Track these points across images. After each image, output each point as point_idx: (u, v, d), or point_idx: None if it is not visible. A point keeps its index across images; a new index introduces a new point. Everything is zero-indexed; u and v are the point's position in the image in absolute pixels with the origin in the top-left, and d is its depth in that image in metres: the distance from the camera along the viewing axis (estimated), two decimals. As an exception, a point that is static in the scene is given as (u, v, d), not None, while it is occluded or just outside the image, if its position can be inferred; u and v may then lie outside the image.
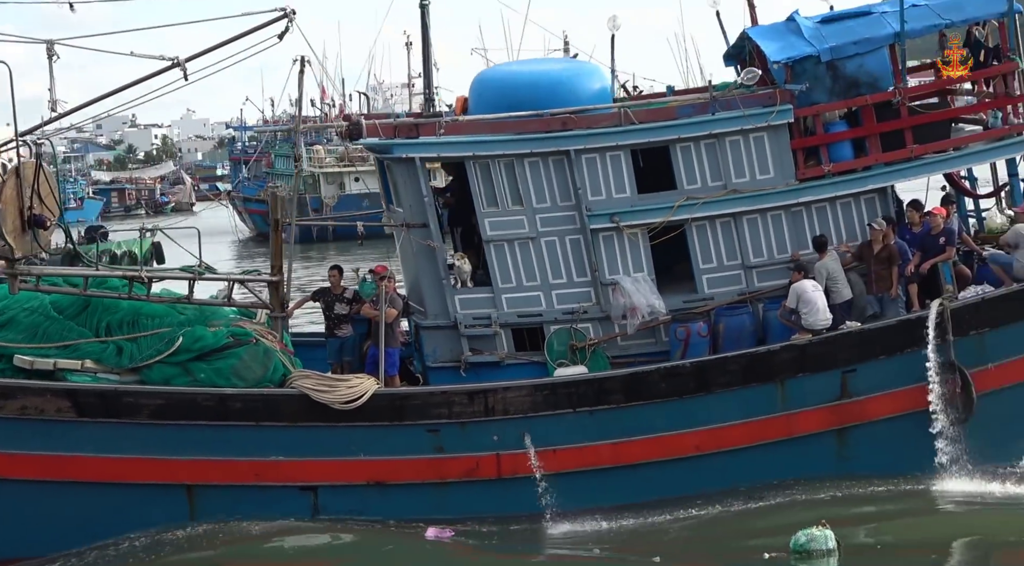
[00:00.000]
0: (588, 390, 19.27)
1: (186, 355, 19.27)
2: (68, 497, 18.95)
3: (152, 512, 19.03)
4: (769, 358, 19.35)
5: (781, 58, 20.39)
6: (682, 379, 19.28)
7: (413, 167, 20.39)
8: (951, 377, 19.20)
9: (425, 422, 19.16)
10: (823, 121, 20.60)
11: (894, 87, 20.31)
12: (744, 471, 19.40)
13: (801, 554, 17.26)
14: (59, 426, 18.74)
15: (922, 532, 17.95)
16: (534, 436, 19.08)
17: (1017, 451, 20.09)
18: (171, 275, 20.72)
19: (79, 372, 19.21)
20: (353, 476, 19.26)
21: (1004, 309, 19.57)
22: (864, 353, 19.37)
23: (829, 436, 19.53)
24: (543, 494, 19.08)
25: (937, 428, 19.12)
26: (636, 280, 20.33)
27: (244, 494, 19.17)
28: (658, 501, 19.19)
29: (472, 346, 20.66)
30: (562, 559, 18.66)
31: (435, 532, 18.90)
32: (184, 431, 18.92)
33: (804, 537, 17.29)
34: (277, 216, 20.29)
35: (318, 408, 18.94)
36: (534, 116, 20.38)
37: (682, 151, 20.36)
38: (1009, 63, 20.51)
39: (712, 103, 20.35)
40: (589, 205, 20.31)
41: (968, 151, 20.78)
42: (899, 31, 20.14)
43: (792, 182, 20.40)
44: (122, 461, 18.92)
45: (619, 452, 19.29)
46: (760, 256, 20.53)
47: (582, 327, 20.52)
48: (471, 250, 21.59)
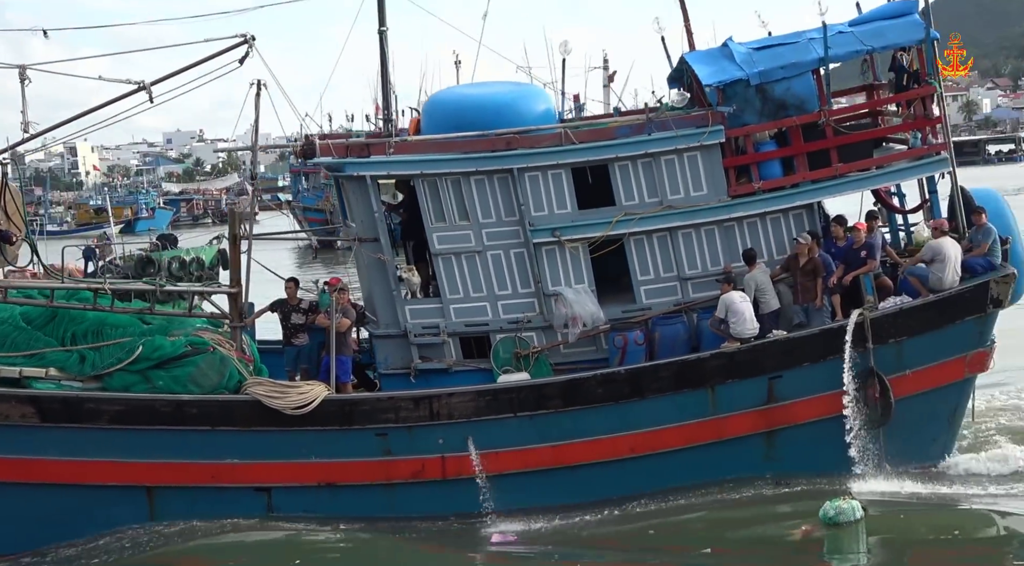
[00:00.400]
0: (528, 396, 20.26)
1: (146, 363, 20.21)
2: (34, 498, 19.88)
3: (114, 512, 19.98)
4: (700, 365, 20.37)
5: (713, 82, 21.44)
6: (617, 385, 20.28)
7: (364, 185, 21.38)
8: (871, 383, 20.24)
9: (373, 426, 20.13)
10: (754, 141, 21.65)
11: (820, 109, 21.36)
12: (677, 472, 20.38)
13: (830, 525, 18.27)
14: (24, 431, 19.67)
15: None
16: (478, 439, 20.07)
17: (935, 452, 21.17)
18: (133, 287, 21.67)
19: (44, 380, 20.17)
20: (305, 478, 20.21)
21: (920, 319, 20.61)
22: (789, 360, 20.39)
23: (758, 438, 20.53)
24: (486, 494, 20.08)
25: (851, 432, 20.15)
26: (577, 291, 21.33)
27: (202, 495, 20.11)
28: (597, 500, 20.23)
29: (422, 354, 21.64)
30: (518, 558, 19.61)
31: (500, 538, 19.61)
32: (143, 435, 19.86)
33: (832, 509, 18.27)
34: (235, 231, 21.31)
35: (271, 413, 19.90)
36: (479, 136, 21.40)
37: (620, 169, 21.38)
38: (927, 87, 21.59)
39: (648, 124, 21.39)
40: (532, 220, 21.31)
41: (889, 169, 21.82)
42: (823, 56, 21.21)
43: (724, 199, 21.42)
44: (84, 464, 19.86)
45: (558, 454, 20.27)
46: (695, 268, 21.56)
47: (526, 336, 21.51)
48: (423, 263, 22.56)
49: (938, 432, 21.18)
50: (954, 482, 20.62)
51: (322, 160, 21.66)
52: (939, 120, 21.59)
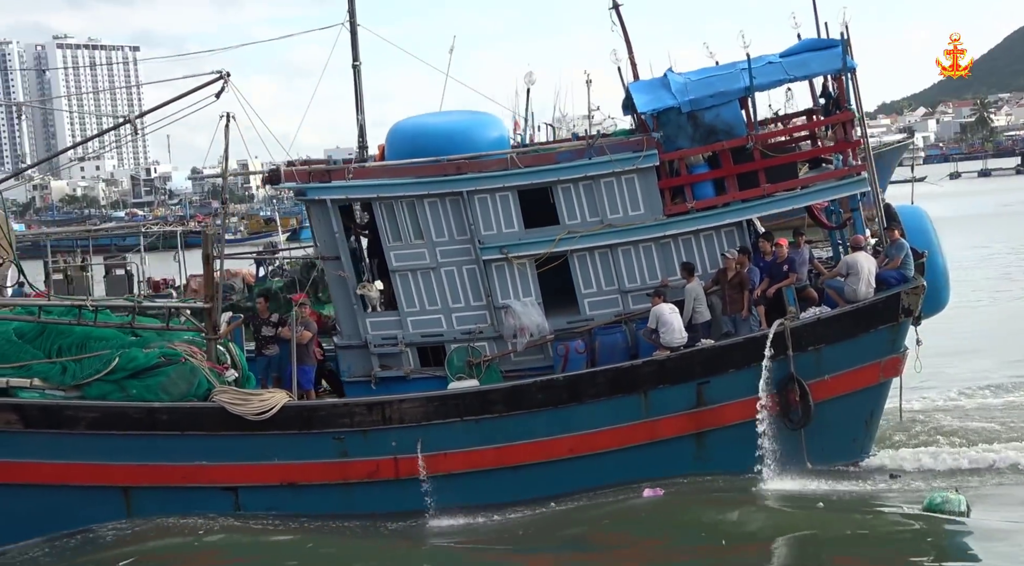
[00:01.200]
0: (474, 401, 21.83)
1: (121, 373, 21.87)
2: (19, 498, 21.53)
3: (93, 511, 21.62)
4: (633, 372, 21.89)
5: (647, 109, 23.02)
6: (556, 391, 21.81)
7: (325, 207, 23.07)
8: (791, 387, 21.72)
9: (331, 430, 21.74)
10: (688, 164, 23.18)
11: (748, 134, 22.89)
12: (613, 471, 21.87)
13: (932, 510, 19.62)
14: (8, 436, 21.38)
15: (752, 527, 20.34)
16: (428, 442, 21.64)
17: (854, 451, 22.59)
18: (113, 303, 23.39)
19: (28, 389, 21.91)
20: (269, 478, 21.80)
21: (837, 327, 22.07)
22: (716, 367, 21.87)
23: (688, 439, 22.00)
24: (437, 493, 21.65)
25: (763, 435, 21.65)
26: (525, 304, 22.95)
27: (174, 494, 21.74)
28: (537, 498, 21.77)
29: (382, 363, 23.29)
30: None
31: (650, 492, 21.31)
32: (119, 440, 21.52)
33: (939, 498, 19.66)
34: (208, 251, 23.00)
35: (236, 418, 21.52)
36: (432, 162, 23.05)
37: (563, 191, 22.97)
38: (847, 113, 23.10)
39: (588, 149, 22.99)
40: (482, 239, 22.92)
41: (813, 189, 23.33)
42: (749, 86, 22.75)
43: (660, 217, 22.97)
44: (65, 466, 21.52)
45: (502, 455, 21.81)
46: (634, 282, 23.11)
47: (479, 345, 23.12)
48: (386, 278, 24.17)
49: (857, 432, 22.59)
50: (867, 480, 22.01)
51: (287, 184, 23.36)
52: (858, 143, 23.07)
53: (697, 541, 19.98)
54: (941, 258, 23.50)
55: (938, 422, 25.56)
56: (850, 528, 20.06)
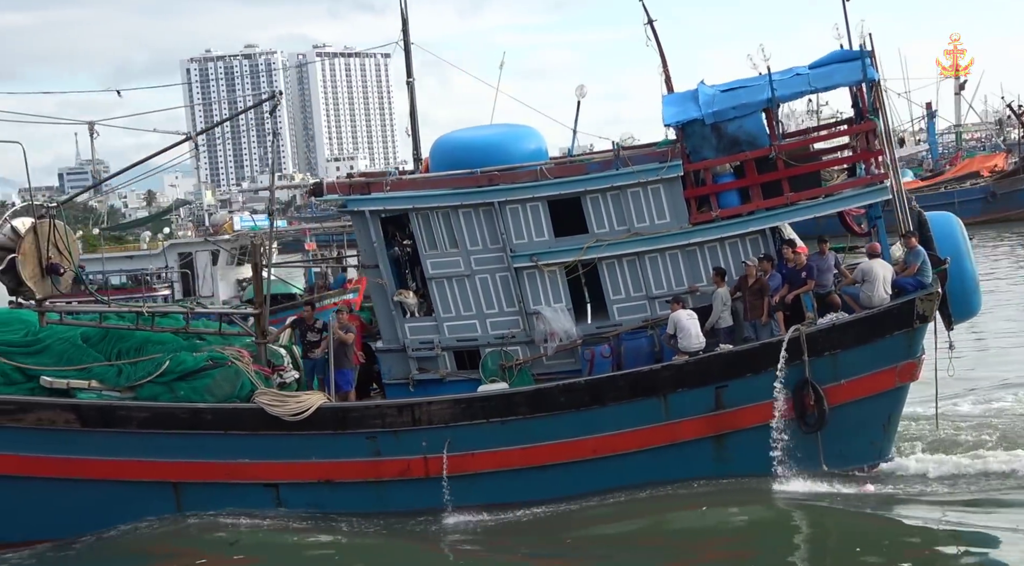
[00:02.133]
0: (499, 404, 22.77)
1: (170, 376, 23.31)
2: (77, 492, 23.07)
3: (146, 505, 23.10)
4: (653, 376, 22.62)
5: (671, 121, 23.72)
6: (578, 394, 22.64)
7: (365, 218, 24.23)
8: (806, 392, 22.27)
9: (364, 431, 22.88)
10: (714, 173, 23.84)
11: (771, 144, 23.47)
12: (635, 472, 22.64)
13: None
14: (67, 434, 22.93)
15: (755, 528, 20.97)
16: (456, 442, 22.65)
17: (871, 454, 23.00)
18: (167, 310, 24.83)
19: (86, 390, 23.46)
20: (307, 475, 23.04)
21: (853, 333, 22.51)
22: (733, 371, 22.50)
23: (708, 442, 22.66)
24: (464, 492, 22.64)
25: (777, 439, 22.22)
26: (555, 310, 23.84)
27: (219, 490, 23.08)
28: (562, 497, 22.64)
29: (420, 366, 24.36)
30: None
31: (873, 489, 22.07)
32: (168, 438, 22.93)
33: None
34: (257, 260, 24.33)
35: (276, 419, 22.79)
36: (467, 174, 24.07)
37: (591, 201, 23.79)
38: (869, 122, 23.55)
39: (615, 160, 23.80)
40: (513, 247, 23.86)
41: (836, 197, 23.82)
42: (771, 97, 23.33)
43: (686, 226, 23.67)
44: (119, 463, 23.01)
45: (527, 456, 22.72)
46: (661, 288, 23.84)
47: (511, 349, 24.05)
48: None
49: (875, 436, 23.00)
50: (887, 483, 22.45)
51: (330, 196, 24.59)
52: (880, 152, 23.50)
53: (702, 542, 20.71)
54: (970, 264, 23.81)
55: (975, 426, 25.75)
56: (853, 532, 20.64)
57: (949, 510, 21.28)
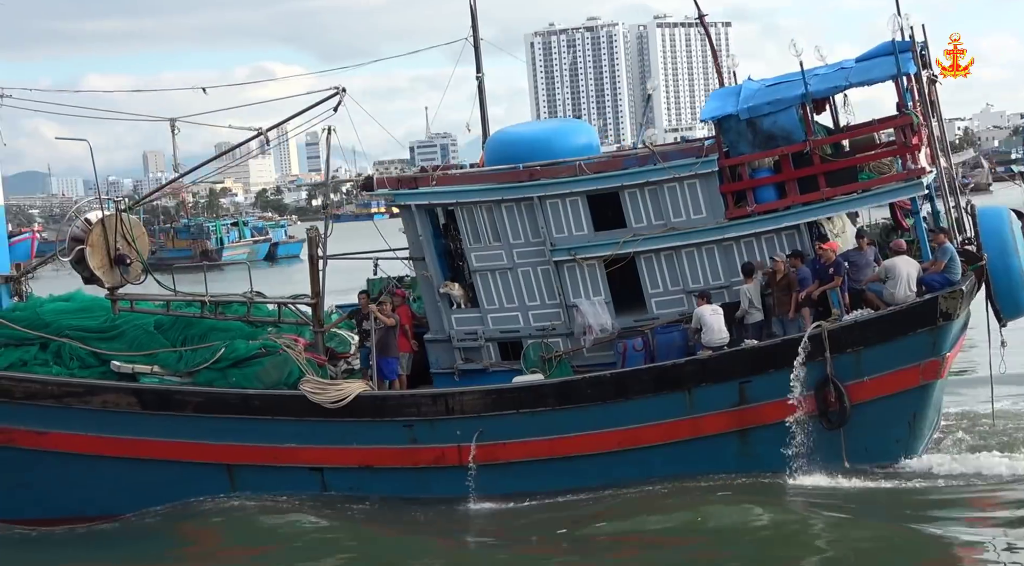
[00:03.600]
0: (528, 395, 23.56)
1: (225, 362, 24.79)
2: (140, 471, 24.76)
3: (203, 485, 24.64)
4: (677, 370, 23.10)
5: (707, 117, 24.12)
6: (604, 387, 23.28)
7: (412, 212, 25.24)
8: (828, 389, 22.48)
9: (401, 419, 23.95)
10: (752, 168, 24.12)
11: (805, 139, 23.63)
12: (660, 465, 23.20)
13: None
14: (130, 416, 24.61)
15: (764, 523, 21.37)
16: (487, 432, 23.55)
17: (896, 452, 23.05)
18: (227, 299, 26.28)
19: (149, 375, 25.12)
20: (349, 460, 24.25)
21: (876, 330, 22.56)
22: (757, 366, 22.83)
23: (732, 436, 23.04)
24: (495, 480, 23.54)
25: (794, 436, 22.52)
26: (592, 303, 24.49)
27: (270, 473, 24.47)
28: (588, 488, 23.36)
29: (466, 356, 25.31)
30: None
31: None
32: (221, 422, 24.41)
33: None
34: (313, 253, 25.59)
35: (319, 405, 24.03)
36: (508, 169, 24.87)
37: (629, 196, 24.33)
38: (905, 117, 23.50)
39: (651, 156, 24.28)
40: (553, 241, 24.58)
41: (872, 192, 23.83)
42: (804, 93, 23.49)
43: (721, 220, 24.03)
44: (177, 445, 24.59)
45: (555, 446, 23.49)
46: (698, 283, 24.24)
47: (552, 341, 24.78)
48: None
49: (900, 434, 23.01)
50: (911, 480, 22.52)
51: (380, 191, 25.68)
52: (917, 147, 23.44)
53: (717, 538, 21.09)
54: (1018, 260, 23.61)
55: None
56: (866, 530, 20.85)
57: (965, 509, 21.38)
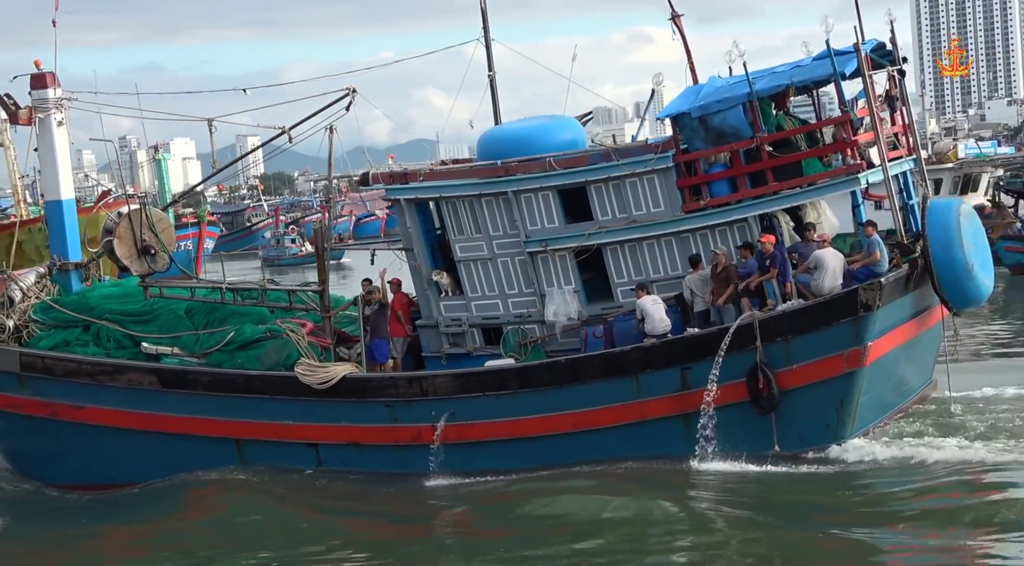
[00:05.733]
0: (492, 379, 25.86)
1: (233, 345, 27.79)
2: (162, 444, 27.97)
3: (214, 457, 27.68)
4: (623, 357, 25.05)
5: (662, 115, 25.94)
6: (560, 372, 25.42)
7: (401, 205, 27.72)
8: (757, 376, 24.16)
9: (383, 399, 26.55)
10: (708, 163, 25.83)
11: (753, 136, 25.24)
12: (613, 446, 25.22)
13: None
14: (151, 393, 27.84)
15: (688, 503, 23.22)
16: (458, 413, 25.95)
17: (827, 437, 24.53)
18: (242, 286, 29.25)
19: (170, 356, 28.29)
20: (340, 437, 26.96)
21: (802, 320, 24.12)
22: (696, 354, 24.65)
23: (676, 420, 24.86)
24: (465, 458, 25.97)
25: (705, 422, 24.32)
26: (563, 292, 26.62)
27: (272, 448, 27.35)
28: (545, 466, 25.56)
29: (452, 341, 27.73)
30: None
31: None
32: (229, 400, 27.41)
33: None
34: (319, 244, 28.35)
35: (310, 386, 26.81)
36: (487, 165, 27.13)
37: (595, 190, 26.29)
38: (844, 115, 24.93)
39: (614, 152, 26.22)
40: (528, 233, 26.75)
41: (815, 187, 25.29)
42: (749, 91, 25.09)
43: (678, 214, 25.85)
44: (192, 420, 27.69)
45: (517, 427, 25.72)
46: (658, 273, 26.11)
47: (528, 328, 27.00)
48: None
49: (830, 419, 24.47)
50: (833, 464, 24.08)
51: (374, 186, 28.25)
52: (855, 143, 24.84)
53: (629, 521, 22.76)
54: (961, 253, 24.81)
55: (987, 412, 26.60)
56: (780, 509, 22.61)
57: (872, 493, 22.86)
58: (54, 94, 32.14)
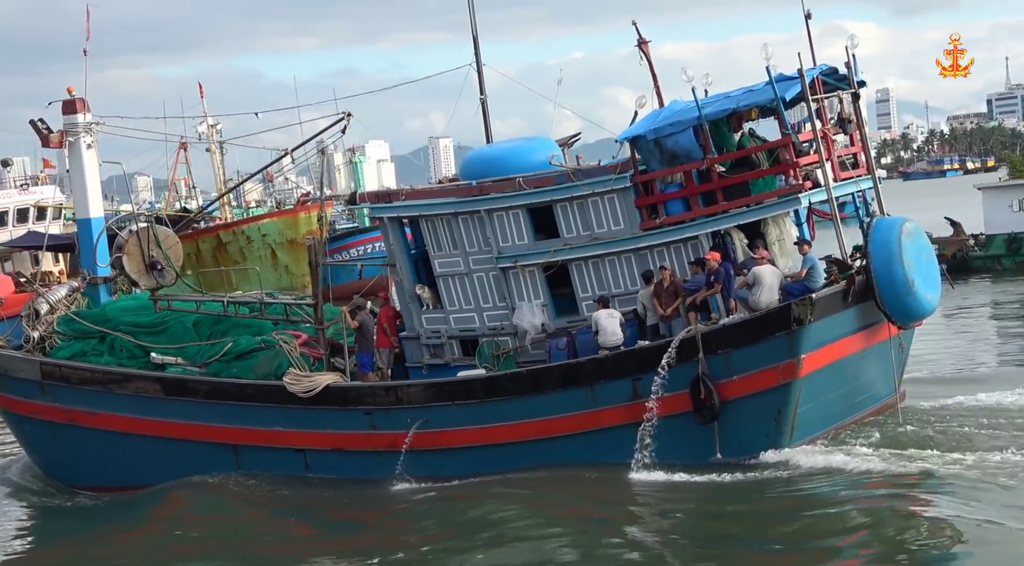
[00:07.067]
0: (460, 388, 27.77)
1: (229, 356, 30.03)
2: (166, 448, 30.29)
3: (213, 461, 29.94)
4: (579, 368, 26.80)
5: (621, 137, 27.62)
6: (522, 382, 27.24)
7: (385, 223, 29.77)
8: (700, 387, 25.75)
9: (363, 407, 28.57)
10: (664, 183, 27.49)
11: (704, 157, 26.83)
12: (573, 452, 26.93)
13: None
14: (155, 400, 30.20)
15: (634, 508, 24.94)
16: (431, 421, 27.89)
17: (762, 445, 25.96)
18: (242, 300, 31.48)
19: (174, 365, 30.64)
20: (325, 443, 29.02)
21: (741, 334, 25.66)
22: (645, 365, 26.29)
23: (630, 428, 26.53)
24: (437, 464, 27.90)
25: (648, 431, 25.91)
26: (530, 305, 28.44)
27: (266, 453, 29.51)
28: (512, 471, 27.39)
29: (433, 352, 29.69)
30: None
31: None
32: (225, 407, 29.65)
33: None
34: (312, 260, 30.48)
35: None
36: (464, 185, 29.06)
37: (560, 209, 28.08)
38: (786, 137, 26.46)
39: (577, 173, 27.99)
40: (500, 249, 28.61)
41: (762, 206, 26.81)
42: (699, 115, 26.68)
43: (636, 231, 27.54)
44: (193, 426, 29.97)
45: (484, 434, 27.57)
46: (619, 287, 27.82)
47: (502, 339, 28.87)
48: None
49: (768, 428, 25.93)
50: (765, 471, 25.57)
51: (361, 205, 30.34)
52: (797, 164, 26.34)
53: (569, 527, 24.38)
54: (901, 268, 26.12)
55: (937, 423, 27.86)
56: (726, 515, 24.20)
57: (785, 501, 24.22)
58: (83, 119, 34.86)
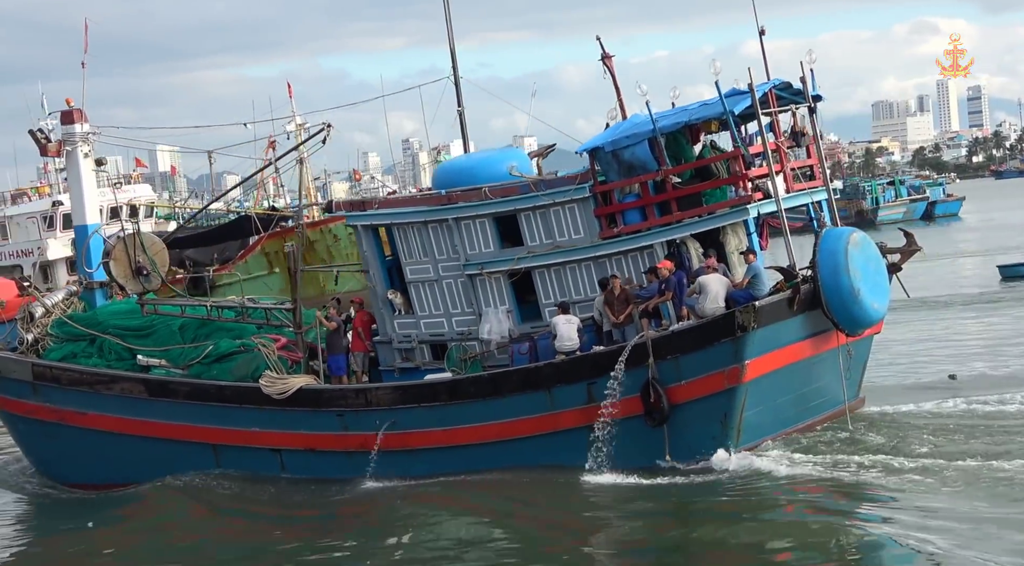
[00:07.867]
0: (425, 391, 28.99)
1: (209, 359, 31.40)
2: (150, 448, 31.69)
3: (194, 460, 31.32)
4: (538, 372, 27.95)
5: (581, 149, 28.79)
6: (483, 386, 28.42)
7: (359, 231, 31.04)
8: (650, 391, 26.86)
9: (335, 409, 29.85)
10: (623, 194, 28.62)
11: (659, 168, 27.95)
12: (533, 454, 28.04)
13: None
14: (140, 401, 31.63)
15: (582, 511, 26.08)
16: (399, 422, 29.12)
17: (709, 448, 26.93)
18: (224, 304, 32.84)
19: (158, 367, 32.04)
20: (299, 444, 30.32)
21: (688, 340, 26.73)
22: (599, 370, 27.39)
23: (586, 431, 27.58)
24: (405, 464, 29.12)
25: (601, 434, 27.02)
26: (496, 311, 29.64)
27: (243, 453, 30.84)
28: (475, 472, 28.59)
29: (404, 356, 30.94)
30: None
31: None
32: (205, 408, 31.02)
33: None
34: (290, 266, 31.83)
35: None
36: (433, 194, 30.30)
37: (524, 218, 29.24)
38: (736, 150, 27.55)
39: (539, 183, 29.16)
40: (467, 257, 29.82)
41: (713, 216, 27.90)
42: (653, 128, 27.80)
43: (595, 240, 28.68)
44: (176, 426, 31.36)
45: (448, 436, 28.77)
46: (579, 294, 28.96)
47: (469, 344, 30.06)
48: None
49: (715, 432, 26.93)
50: (700, 475, 26.58)
51: (337, 213, 31.63)
52: (746, 176, 27.42)
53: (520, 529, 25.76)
54: (847, 278, 27.07)
55: (884, 429, 28.78)
56: (667, 514, 25.37)
57: (717, 503, 25.23)
58: (81, 129, 36.35)
